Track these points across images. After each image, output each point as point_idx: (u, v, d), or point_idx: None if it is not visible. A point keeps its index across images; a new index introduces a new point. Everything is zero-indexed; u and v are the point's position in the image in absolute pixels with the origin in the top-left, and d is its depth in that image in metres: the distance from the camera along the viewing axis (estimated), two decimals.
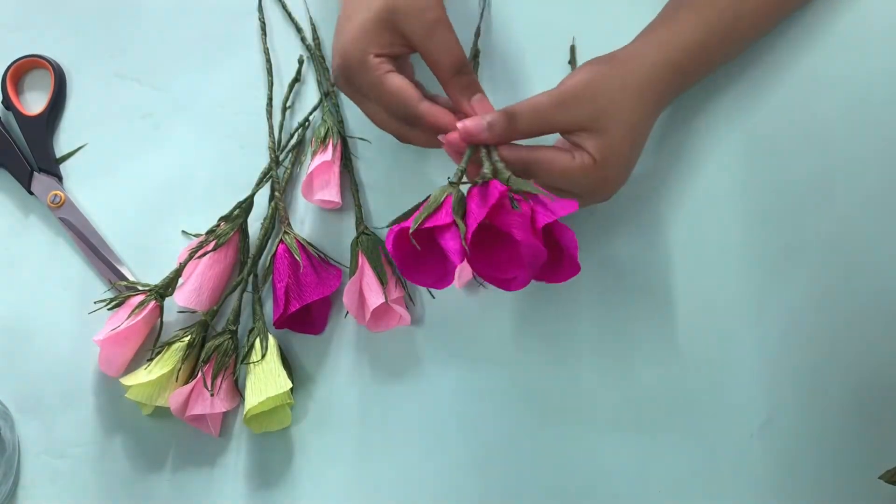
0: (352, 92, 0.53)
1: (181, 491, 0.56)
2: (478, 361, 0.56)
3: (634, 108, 0.50)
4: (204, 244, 0.57)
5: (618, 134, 0.49)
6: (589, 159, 0.49)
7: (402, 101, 0.50)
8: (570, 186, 0.50)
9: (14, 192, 0.62)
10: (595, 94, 0.49)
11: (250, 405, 0.53)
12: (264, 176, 0.60)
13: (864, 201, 0.57)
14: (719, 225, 0.57)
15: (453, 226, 0.44)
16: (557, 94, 0.49)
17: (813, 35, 0.60)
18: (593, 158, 0.49)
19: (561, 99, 0.49)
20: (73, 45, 0.65)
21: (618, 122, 0.49)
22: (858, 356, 0.54)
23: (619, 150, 0.50)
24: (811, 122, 0.58)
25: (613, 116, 0.49)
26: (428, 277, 0.46)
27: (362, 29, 0.50)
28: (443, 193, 0.46)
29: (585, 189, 0.50)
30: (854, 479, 0.52)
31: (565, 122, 0.49)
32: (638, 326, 0.56)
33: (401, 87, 0.50)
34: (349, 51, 0.51)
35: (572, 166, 0.49)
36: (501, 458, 0.55)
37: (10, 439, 0.56)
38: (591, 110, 0.49)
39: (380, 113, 0.53)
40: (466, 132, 0.48)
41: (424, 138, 0.52)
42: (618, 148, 0.50)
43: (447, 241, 0.44)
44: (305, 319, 0.57)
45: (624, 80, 0.50)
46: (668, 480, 0.53)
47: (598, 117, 0.49)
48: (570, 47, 0.61)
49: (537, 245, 0.43)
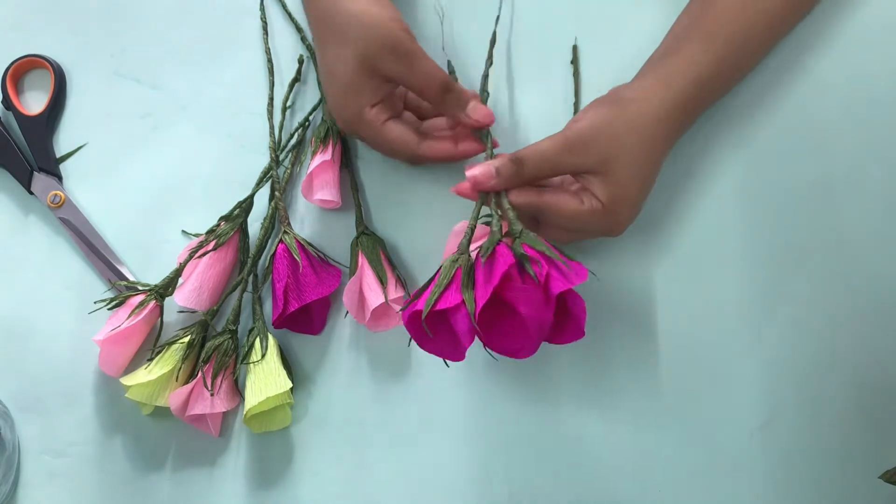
0: (359, 138, 0.57)
1: (181, 491, 0.56)
2: (477, 361, 0.56)
3: (642, 150, 0.50)
4: (204, 244, 0.57)
5: (625, 176, 0.50)
6: (597, 203, 0.49)
7: (403, 147, 0.54)
8: (580, 228, 0.51)
9: (14, 191, 0.62)
10: (602, 139, 0.49)
11: (250, 405, 0.53)
12: (264, 176, 0.60)
13: (865, 203, 0.57)
14: (720, 226, 0.57)
15: (463, 306, 0.45)
16: (563, 140, 0.50)
17: (813, 38, 0.60)
18: (601, 203, 0.49)
19: (568, 144, 0.49)
20: (73, 45, 0.65)
21: (625, 164, 0.50)
22: (858, 356, 0.54)
23: (627, 192, 0.50)
24: (812, 124, 0.58)
25: (620, 160, 0.49)
26: (444, 350, 0.47)
27: (346, 85, 0.52)
28: (453, 267, 0.46)
29: (594, 230, 0.51)
30: (854, 479, 0.52)
31: (572, 166, 0.50)
32: (638, 328, 0.56)
33: (400, 135, 0.54)
34: (344, 111, 0.54)
35: (581, 210, 0.49)
36: (501, 458, 0.55)
37: (10, 439, 0.56)
38: (597, 155, 0.49)
39: (391, 151, 0.55)
40: (475, 181, 0.49)
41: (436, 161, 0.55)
42: (626, 190, 0.50)
43: (458, 323, 0.45)
44: (304, 319, 0.57)
45: (632, 123, 0.50)
46: (668, 480, 0.53)
47: (605, 161, 0.49)
48: (573, 47, 0.61)
49: (544, 318, 0.44)
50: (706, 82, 0.53)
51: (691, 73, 0.53)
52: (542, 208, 0.50)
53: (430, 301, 0.45)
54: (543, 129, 0.52)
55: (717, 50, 0.53)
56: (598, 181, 0.49)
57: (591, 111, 0.51)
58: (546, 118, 0.59)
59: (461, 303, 0.45)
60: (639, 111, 0.51)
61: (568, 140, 0.50)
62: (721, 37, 0.54)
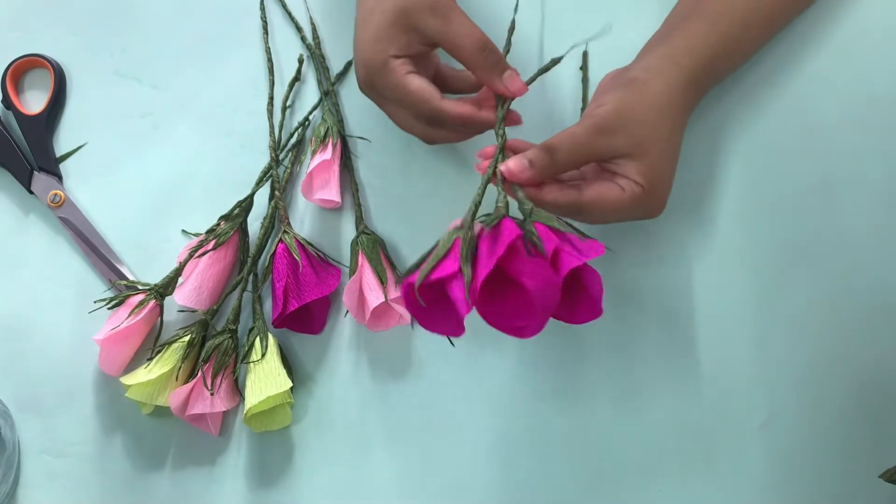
0: (376, 97, 0.54)
1: (181, 490, 0.56)
2: (477, 361, 0.56)
3: (666, 126, 0.51)
4: (204, 243, 0.57)
5: (659, 156, 0.50)
6: (638, 187, 0.49)
7: (424, 100, 0.51)
8: (622, 217, 0.50)
9: (14, 191, 0.62)
10: (628, 121, 0.49)
11: (250, 404, 0.53)
12: (264, 175, 0.60)
13: (865, 202, 0.57)
14: (720, 226, 0.57)
15: (460, 274, 0.43)
16: (593, 124, 0.49)
17: (814, 38, 0.60)
18: (642, 186, 0.49)
19: (598, 128, 0.49)
20: (73, 45, 0.65)
21: (656, 144, 0.50)
22: (859, 356, 0.54)
23: (663, 170, 0.50)
24: (812, 124, 0.58)
25: (651, 139, 0.49)
26: (444, 326, 0.45)
27: (379, 33, 0.51)
28: (451, 238, 0.44)
29: (637, 215, 0.51)
30: (854, 479, 0.52)
31: (606, 149, 0.49)
32: (638, 328, 0.56)
33: (421, 88, 0.51)
34: (369, 56, 0.51)
35: (624, 198, 0.49)
36: (501, 458, 0.54)
37: (10, 439, 0.56)
38: (628, 137, 0.49)
39: (404, 116, 0.53)
40: (509, 173, 0.48)
41: (450, 136, 0.53)
42: (661, 169, 0.50)
43: (454, 291, 0.43)
44: (304, 319, 0.57)
45: (650, 102, 0.50)
46: (669, 480, 0.53)
47: (636, 143, 0.49)
48: (583, 53, 0.60)
49: (551, 291, 0.42)
50: (712, 60, 0.53)
51: (697, 51, 0.53)
52: (585, 204, 0.49)
53: (424, 270, 0.43)
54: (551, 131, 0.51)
55: (721, 29, 0.54)
56: (634, 164, 0.49)
57: (611, 95, 0.51)
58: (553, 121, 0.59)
59: (458, 271, 0.42)
60: (657, 90, 0.51)
61: (597, 123, 0.49)
62: (726, 17, 0.54)
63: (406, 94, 0.51)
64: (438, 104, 0.51)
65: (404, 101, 0.52)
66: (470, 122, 0.51)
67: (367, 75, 0.52)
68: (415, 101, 0.51)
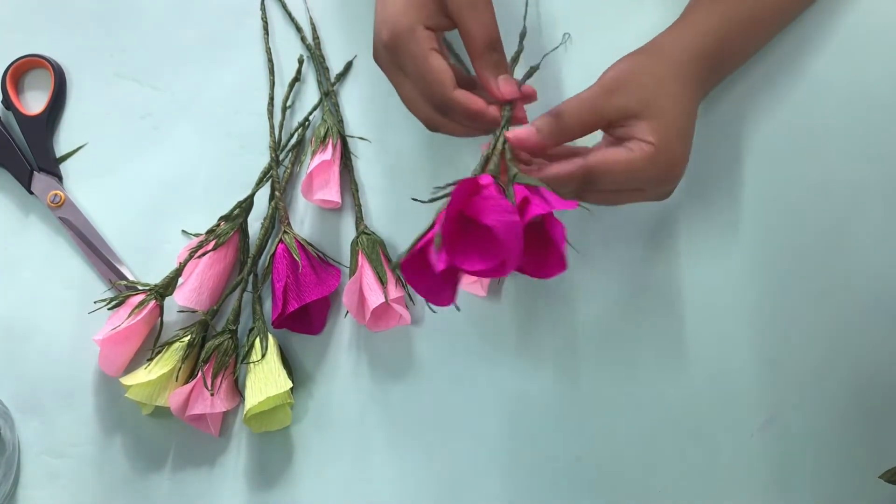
0: (392, 64, 0.52)
1: (181, 491, 0.56)
2: (478, 361, 0.56)
3: (679, 89, 0.50)
4: (204, 244, 0.57)
5: (671, 113, 0.48)
6: (648, 146, 0.47)
7: (440, 82, 0.49)
8: (635, 181, 0.48)
9: (14, 191, 0.62)
10: (639, 79, 0.48)
11: (250, 405, 0.53)
12: (264, 176, 0.60)
13: (865, 203, 0.57)
14: (720, 226, 0.57)
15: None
16: (602, 85, 0.48)
17: (813, 37, 0.60)
18: (652, 144, 0.47)
19: (606, 88, 0.48)
20: (73, 45, 0.65)
21: (669, 102, 0.48)
22: (858, 356, 0.54)
23: (677, 129, 0.49)
24: (811, 123, 0.58)
25: (663, 97, 0.48)
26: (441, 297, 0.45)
27: (408, 2, 0.50)
28: (437, 213, 0.44)
29: (651, 179, 0.49)
30: (854, 479, 0.52)
31: (614, 110, 0.48)
32: (638, 328, 0.56)
33: (441, 69, 0.49)
34: (399, 21, 0.50)
35: (634, 158, 0.47)
36: (501, 458, 0.55)
37: (10, 439, 0.56)
38: (639, 95, 0.48)
39: (413, 94, 0.52)
40: (517, 139, 0.47)
41: (454, 127, 0.52)
42: (675, 127, 0.48)
43: (430, 255, 0.43)
44: (304, 319, 0.57)
45: (664, 65, 0.50)
46: (669, 480, 0.53)
47: (647, 101, 0.48)
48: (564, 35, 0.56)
49: (514, 228, 0.41)
50: (724, 39, 0.53)
51: (708, 26, 0.53)
52: (592, 171, 0.47)
53: (412, 243, 0.44)
54: None
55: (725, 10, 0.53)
56: (644, 124, 0.47)
57: (623, 60, 0.50)
58: None
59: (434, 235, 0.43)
60: (668, 56, 0.50)
61: (605, 84, 0.48)
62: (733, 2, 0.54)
63: (426, 69, 0.49)
64: (451, 93, 0.49)
65: (421, 78, 0.50)
66: (477, 117, 0.49)
67: (392, 38, 0.50)
68: (431, 80, 0.49)
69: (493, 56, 0.50)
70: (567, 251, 0.44)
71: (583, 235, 0.57)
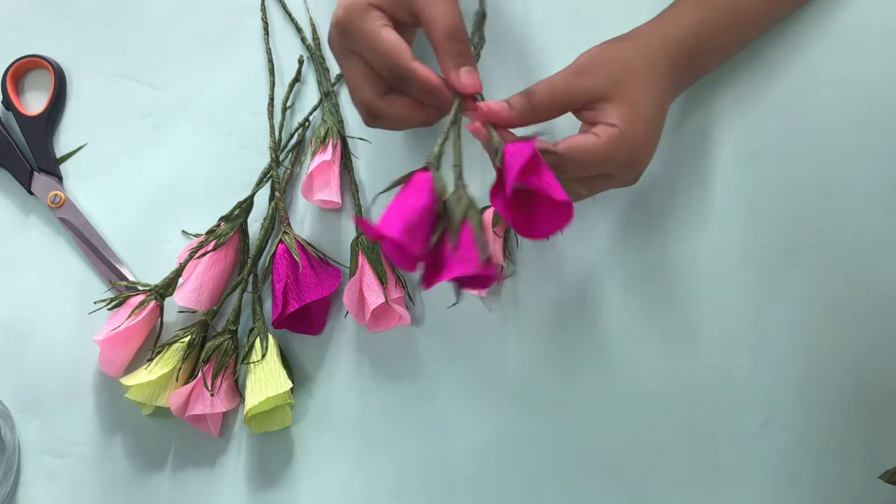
0: (343, 48, 0.51)
1: (181, 491, 0.56)
2: (478, 361, 0.56)
3: (652, 74, 0.50)
4: (204, 244, 0.57)
5: (639, 98, 0.49)
6: (614, 130, 0.48)
7: (395, 52, 0.49)
8: (602, 166, 0.49)
9: (14, 192, 0.62)
10: (609, 62, 0.49)
11: (250, 405, 0.53)
12: (264, 176, 0.60)
13: (864, 201, 0.57)
14: (719, 225, 0.57)
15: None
16: (573, 67, 0.50)
17: (811, 35, 0.60)
18: (616, 126, 0.48)
19: (577, 70, 0.49)
20: (73, 45, 0.65)
21: (634, 86, 0.49)
22: (858, 356, 0.54)
23: (643, 114, 0.49)
24: (810, 122, 0.58)
25: (631, 81, 0.49)
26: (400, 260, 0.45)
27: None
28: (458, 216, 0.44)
29: (616, 163, 0.49)
30: (854, 479, 0.52)
31: (583, 92, 0.49)
32: (638, 328, 0.56)
33: (395, 40, 0.49)
34: (353, 2, 0.50)
35: (599, 143, 0.48)
36: (501, 458, 0.55)
37: (10, 439, 0.56)
38: (607, 77, 0.49)
39: (360, 81, 0.51)
40: (489, 110, 0.48)
41: (393, 118, 0.51)
42: (641, 112, 0.49)
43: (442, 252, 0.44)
44: (304, 320, 0.57)
45: (635, 51, 0.51)
46: (669, 480, 0.53)
47: (615, 84, 0.49)
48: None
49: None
50: (696, 31, 0.53)
51: (685, 21, 0.53)
52: (560, 158, 0.47)
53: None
54: None
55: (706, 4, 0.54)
56: (612, 105, 0.48)
57: (597, 45, 0.51)
58: None
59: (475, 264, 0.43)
60: (642, 44, 0.51)
61: (577, 66, 0.49)
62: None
63: (379, 42, 0.49)
64: (409, 62, 0.48)
65: (374, 51, 0.49)
66: (435, 91, 0.49)
67: (346, 15, 0.50)
68: (386, 51, 0.49)
69: (456, 45, 0.49)
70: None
71: (581, 238, 0.57)
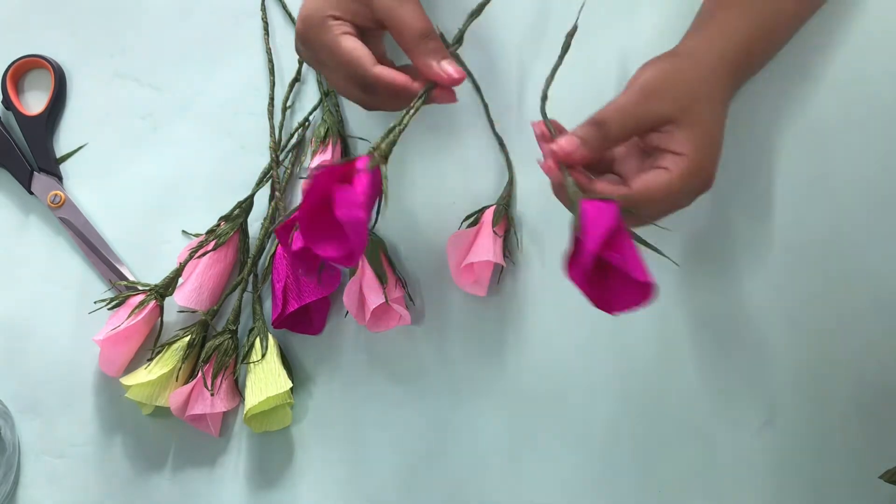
0: (310, 55, 0.52)
1: (181, 491, 0.56)
2: (477, 361, 0.56)
3: (712, 97, 0.49)
4: (204, 244, 0.57)
5: (708, 121, 0.48)
6: (684, 161, 0.46)
7: (355, 61, 0.49)
8: (674, 203, 0.48)
9: (14, 192, 0.62)
10: (675, 85, 0.48)
11: (250, 405, 0.53)
12: (264, 176, 0.60)
13: (864, 201, 0.56)
14: (719, 226, 0.57)
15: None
16: (638, 91, 0.48)
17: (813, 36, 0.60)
18: (686, 156, 0.47)
19: (646, 92, 0.48)
20: (73, 45, 0.65)
21: (703, 110, 0.48)
22: (858, 356, 0.54)
23: (711, 138, 0.48)
24: (811, 122, 0.58)
25: (698, 103, 0.48)
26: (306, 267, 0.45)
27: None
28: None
29: (689, 194, 0.48)
30: (854, 479, 0.52)
31: (654, 115, 0.47)
32: (638, 327, 0.56)
33: (354, 49, 0.49)
34: (311, 11, 0.50)
35: (673, 178, 0.46)
36: (500, 459, 0.55)
37: (10, 439, 0.56)
38: (676, 100, 0.47)
39: (339, 80, 0.52)
40: (562, 151, 0.46)
41: (387, 103, 0.51)
42: (710, 136, 0.48)
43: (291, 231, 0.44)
44: (304, 319, 0.57)
45: (697, 69, 0.49)
46: (669, 480, 0.53)
47: (685, 107, 0.47)
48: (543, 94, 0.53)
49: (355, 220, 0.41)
50: (747, 44, 0.53)
51: (735, 33, 0.52)
52: (635, 200, 0.46)
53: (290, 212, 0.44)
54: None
55: (749, 18, 0.53)
56: (682, 130, 0.47)
57: (651, 65, 0.50)
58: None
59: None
60: (698, 62, 0.50)
61: (644, 88, 0.48)
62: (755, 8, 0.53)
63: (338, 53, 0.50)
64: (370, 69, 0.49)
65: (336, 62, 0.50)
66: (403, 93, 0.49)
67: (304, 29, 0.51)
68: (346, 62, 0.50)
69: (430, 43, 0.50)
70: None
71: None
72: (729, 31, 0.53)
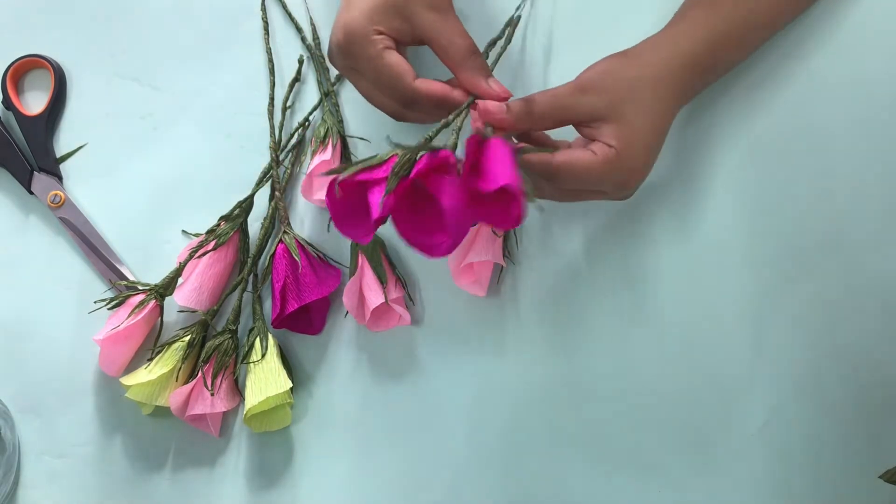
0: (348, 68, 0.53)
1: (181, 491, 0.56)
2: (478, 361, 0.56)
3: (653, 98, 0.51)
4: (204, 244, 0.57)
5: (637, 121, 0.49)
6: (611, 151, 0.48)
7: (398, 76, 0.50)
8: (594, 183, 0.50)
9: (14, 192, 0.62)
10: (612, 83, 0.50)
11: (250, 405, 0.53)
12: (264, 176, 0.60)
13: (865, 203, 0.57)
14: (720, 227, 0.57)
15: (384, 182, 0.43)
16: (575, 83, 0.50)
17: (814, 37, 0.60)
18: (615, 149, 0.48)
19: (578, 87, 0.50)
20: (73, 45, 0.65)
21: (636, 110, 0.50)
22: (858, 356, 0.54)
23: (640, 137, 0.50)
24: (812, 124, 0.58)
25: (632, 104, 0.49)
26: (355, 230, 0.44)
27: (371, 9, 0.50)
28: (389, 154, 0.44)
29: (610, 183, 0.50)
30: (854, 479, 0.52)
31: (583, 110, 0.49)
32: (639, 327, 0.56)
33: (398, 64, 0.50)
34: (355, 24, 0.51)
35: (595, 161, 0.48)
36: (501, 458, 0.55)
37: (10, 439, 0.56)
38: (608, 98, 0.49)
39: (373, 92, 0.52)
40: (486, 110, 0.48)
41: (424, 115, 0.52)
42: (638, 136, 0.50)
43: (373, 195, 0.43)
44: (304, 319, 0.57)
45: (640, 71, 0.51)
46: (669, 480, 0.53)
47: (615, 106, 0.49)
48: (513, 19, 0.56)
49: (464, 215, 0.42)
50: (713, 46, 0.53)
51: (698, 34, 0.53)
52: (555, 169, 0.48)
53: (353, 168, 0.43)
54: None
55: (725, 17, 0.54)
56: (610, 126, 0.49)
57: (602, 61, 0.51)
58: None
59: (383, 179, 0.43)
60: (649, 62, 0.51)
61: (579, 82, 0.50)
62: (727, 6, 0.54)
63: (382, 67, 0.50)
64: (412, 83, 0.50)
65: (378, 76, 0.51)
66: (443, 102, 0.50)
67: (347, 41, 0.51)
68: (389, 76, 0.50)
69: (477, 60, 0.51)
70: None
71: (585, 236, 0.57)
72: (696, 31, 0.54)
